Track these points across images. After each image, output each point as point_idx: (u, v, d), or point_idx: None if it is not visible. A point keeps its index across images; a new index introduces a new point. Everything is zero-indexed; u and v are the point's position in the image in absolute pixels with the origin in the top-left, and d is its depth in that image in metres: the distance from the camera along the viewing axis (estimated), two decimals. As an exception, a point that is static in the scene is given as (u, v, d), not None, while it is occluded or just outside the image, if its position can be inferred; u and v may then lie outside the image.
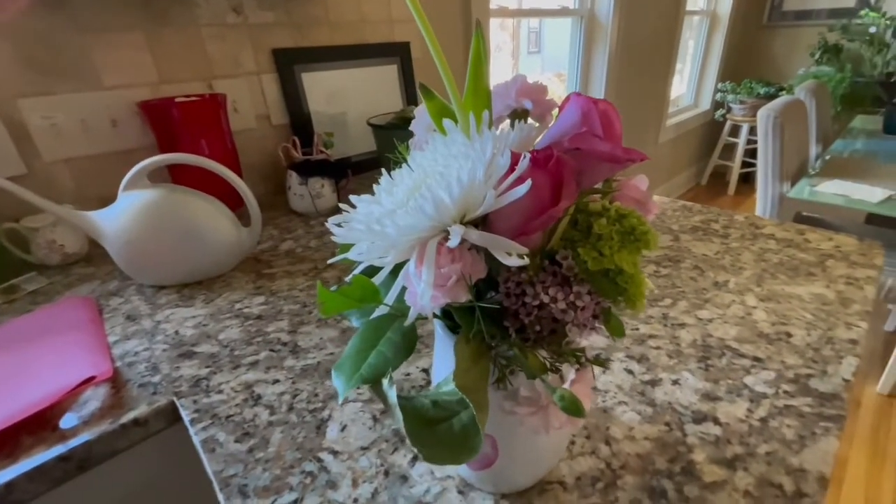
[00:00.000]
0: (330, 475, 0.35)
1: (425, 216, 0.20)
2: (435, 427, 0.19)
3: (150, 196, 0.62)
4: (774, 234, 0.71)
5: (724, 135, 3.00)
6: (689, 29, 2.86)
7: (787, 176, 1.42)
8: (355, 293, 0.22)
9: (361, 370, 0.20)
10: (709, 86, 3.00)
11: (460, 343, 0.21)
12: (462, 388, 0.19)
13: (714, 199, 3.10)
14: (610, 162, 0.22)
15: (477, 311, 0.21)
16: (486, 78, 0.24)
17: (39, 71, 0.72)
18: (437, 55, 0.23)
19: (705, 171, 3.31)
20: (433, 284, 0.21)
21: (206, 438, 0.40)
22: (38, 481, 0.38)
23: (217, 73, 0.91)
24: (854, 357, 0.45)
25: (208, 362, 0.49)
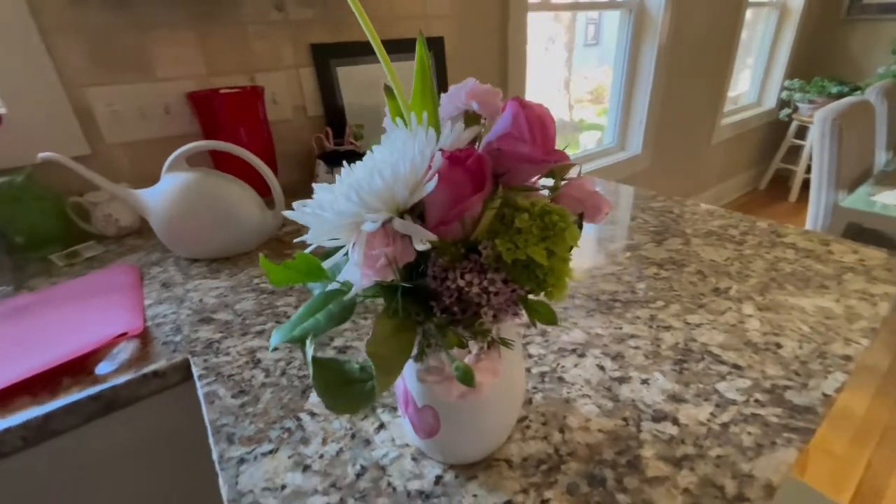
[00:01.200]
0: (305, 433, 0.40)
1: (351, 202, 0.23)
2: (350, 386, 0.23)
3: (187, 178, 0.69)
4: (796, 243, 0.68)
5: (790, 136, 2.79)
6: (756, 22, 2.67)
7: (843, 184, 1.32)
8: (301, 267, 0.26)
9: (295, 331, 0.24)
10: (775, 83, 2.79)
11: (382, 316, 0.24)
12: (372, 354, 0.22)
13: (771, 205, 2.90)
14: (528, 163, 0.24)
15: (398, 290, 0.24)
16: (431, 82, 0.27)
17: (104, 63, 0.81)
18: (381, 55, 0.26)
19: (765, 174, 3.09)
20: (362, 264, 0.24)
21: (208, 392, 0.45)
22: (72, 415, 0.46)
23: (259, 67, 0.98)
24: (843, 373, 0.43)
25: (222, 328, 0.55)
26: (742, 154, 2.91)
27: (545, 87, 3.93)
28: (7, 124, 0.72)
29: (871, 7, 2.62)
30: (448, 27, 1.23)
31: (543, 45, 3.86)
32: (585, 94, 4.16)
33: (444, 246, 0.24)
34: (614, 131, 2.07)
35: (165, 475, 0.57)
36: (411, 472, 0.36)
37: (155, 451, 0.55)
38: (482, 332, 0.24)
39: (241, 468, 0.37)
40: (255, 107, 0.91)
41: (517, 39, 1.40)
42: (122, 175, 0.89)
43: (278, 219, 0.76)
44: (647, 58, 1.91)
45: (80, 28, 0.78)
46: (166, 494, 0.58)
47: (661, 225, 0.77)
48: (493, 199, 0.25)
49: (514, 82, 1.45)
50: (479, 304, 0.25)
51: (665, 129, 2.15)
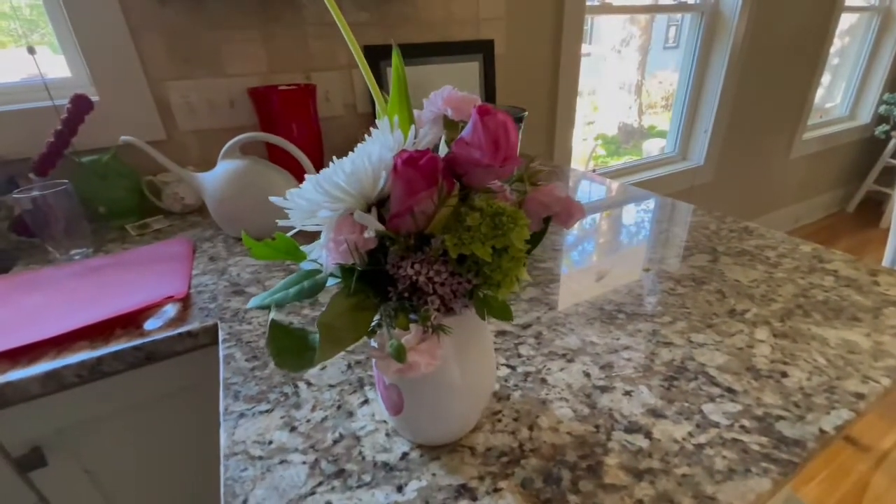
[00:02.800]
0: (298, 399, 0.44)
1: (318, 193, 0.26)
2: (305, 353, 0.26)
3: (238, 165, 0.77)
4: (838, 270, 0.63)
5: (886, 156, 2.49)
6: (855, 27, 2.41)
7: (933, 211, 1.17)
8: (280, 246, 0.29)
9: (266, 300, 0.28)
10: (871, 96, 2.50)
11: (339, 295, 0.27)
12: (322, 324, 0.25)
13: (859, 231, 2.61)
14: (479, 167, 0.26)
15: (354, 273, 0.27)
16: (406, 90, 0.29)
17: (182, 59, 0.92)
18: (361, 62, 0.29)
19: (855, 196, 2.79)
20: (326, 247, 0.27)
21: (227, 354, 0.51)
22: (119, 361, 0.53)
23: (315, 66, 1.06)
24: (850, 412, 0.40)
25: (249, 300, 0.62)
26: (828, 172, 2.64)
27: (615, 91, 3.78)
28: (98, 110, 0.84)
29: None
30: (500, 29, 1.25)
31: (616, 47, 3.71)
32: (659, 99, 3.95)
33: (395, 237, 0.26)
34: (676, 140, 1.97)
35: (190, 422, 0.65)
36: (382, 445, 0.39)
37: (181, 401, 0.63)
38: (424, 318, 0.26)
39: (239, 421, 0.42)
40: (307, 103, 0.99)
41: (571, 41, 1.38)
42: (191, 158, 1.00)
43: (315, 207, 0.82)
44: (717, 63, 1.80)
45: (163, 26, 0.89)
46: (186, 439, 0.66)
47: (691, 240, 0.74)
48: (449, 198, 0.28)
49: (564, 84, 1.44)
50: (427, 293, 0.27)
51: (733, 141, 2.01)
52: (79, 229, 0.77)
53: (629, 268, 0.66)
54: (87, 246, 0.78)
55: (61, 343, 0.54)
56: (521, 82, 1.37)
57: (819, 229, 2.69)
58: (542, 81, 1.41)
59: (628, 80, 3.87)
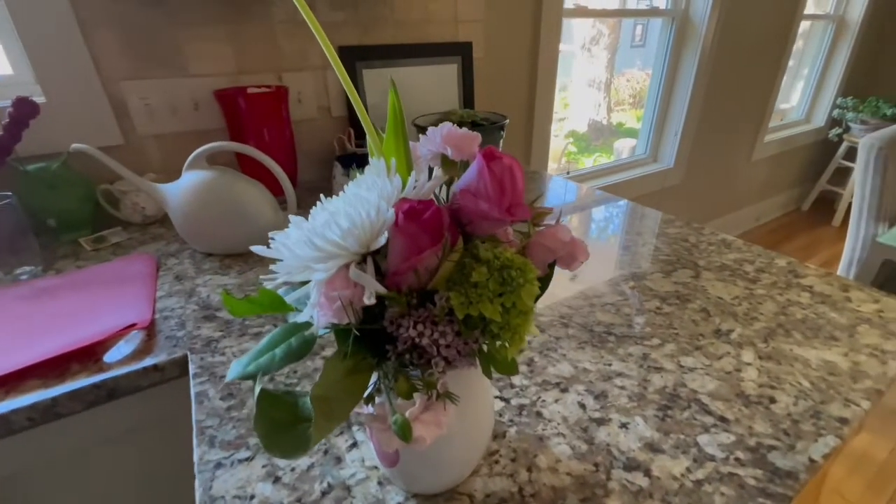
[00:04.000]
0: (281, 444, 0.41)
1: (310, 248, 0.24)
2: (297, 426, 0.23)
3: (204, 176, 0.72)
4: (813, 286, 0.64)
5: (838, 157, 2.63)
6: (810, 35, 2.52)
7: (885, 217, 1.24)
8: (263, 301, 0.26)
9: (248, 367, 0.25)
10: (826, 100, 2.63)
11: (334, 359, 0.25)
12: (316, 397, 0.23)
13: (813, 229, 2.75)
14: (487, 221, 0.24)
15: (352, 333, 0.25)
16: (403, 128, 0.27)
17: (139, 58, 0.85)
18: (349, 89, 0.26)
19: (809, 195, 2.94)
20: (318, 305, 0.25)
21: (199, 391, 0.48)
22: (76, 401, 0.49)
23: (287, 67, 1.00)
24: (835, 438, 0.41)
25: (223, 327, 0.58)
26: (786, 172, 2.77)
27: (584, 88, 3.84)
28: (45, 112, 0.76)
29: (944, 23, 2.43)
30: (478, 32, 1.23)
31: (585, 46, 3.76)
32: (627, 96, 4.03)
33: (395, 297, 0.24)
34: (647, 142, 2.01)
35: (156, 464, 0.61)
36: (374, 496, 0.37)
37: (148, 438, 0.58)
38: (428, 384, 0.24)
39: (216, 472, 0.39)
40: (279, 106, 0.94)
41: (549, 44, 1.37)
42: (152, 165, 0.93)
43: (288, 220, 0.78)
44: (687, 68, 1.84)
45: (118, 22, 0.81)
46: (154, 479, 0.61)
47: (674, 254, 0.74)
48: (453, 251, 0.25)
49: (542, 87, 1.43)
50: (431, 355, 0.25)
51: (701, 143, 2.07)
52: (25, 245, 0.70)
53: (613, 285, 0.66)
54: (35, 263, 0.72)
55: (8, 382, 0.49)
56: (499, 86, 1.35)
57: (777, 227, 2.82)
58: (520, 85, 1.40)
59: (597, 78, 3.93)
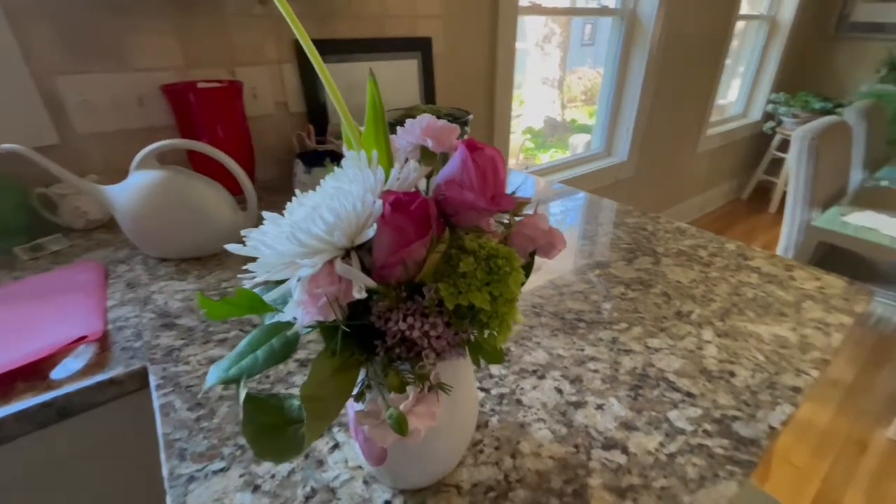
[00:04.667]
0: (258, 451, 0.40)
1: (293, 244, 0.23)
2: (286, 429, 0.23)
3: (156, 176, 0.67)
4: (761, 267, 0.69)
5: (772, 149, 2.84)
6: (746, 34, 2.70)
7: (817, 202, 1.35)
8: (241, 302, 0.25)
9: (230, 371, 0.24)
10: (761, 96, 2.83)
11: (321, 357, 0.24)
12: (306, 397, 0.22)
13: (752, 216, 2.96)
14: (473, 210, 0.24)
15: (340, 330, 0.24)
16: (383, 121, 0.26)
17: (77, 51, 0.79)
18: (328, 85, 0.25)
19: (748, 185, 3.15)
20: (302, 303, 0.24)
21: (164, 403, 0.45)
22: (23, 422, 0.45)
23: (240, 61, 0.96)
24: (790, 406, 0.44)
25: (184, 335, 0.55)
26: (727, 164, 2.96)
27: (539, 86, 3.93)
28: (-31, 112, 0.69)
29: (860, 26, 2.67)
30: (437, 27, 1.22)
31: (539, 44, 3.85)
32: (579, 93, 4.17)
33: (385, 291, 0.24)
34: (602, 137, 2.09)
35: (119, 483, 0.57)
36: (361, 496, 0.36)
37: (109, 458, 0.54)
38: (421, 376, 0.24)
39: (189, 486, 0.37)
40: (234, 102, 0.90)
41: (506, 41, 1.39)
42: (93, 166, 0.86)
43: (250, 220, 0.75)
44: (636, 65, 1.92)
45: (52, 12, 0.75)
46: (118, 499, 0.58)
47: (634, 242, 0.78)
48: (439, 242, 0.25)
49: (501, 84, 1.45)
50: (421, 347, 0.25)
51: (651, 137, 2.17)
52: (-51, 257, 0.64)
53: (579, 274, 0.68)
54: (-38, 277, 0.65)
55: (-60, 408, 0.44)
56: (459, 81, 1.36)
57: (720, 216, 3.00)
58: (480, 81, 1.41)
59: (551, 76, 4.04)
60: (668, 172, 2.46)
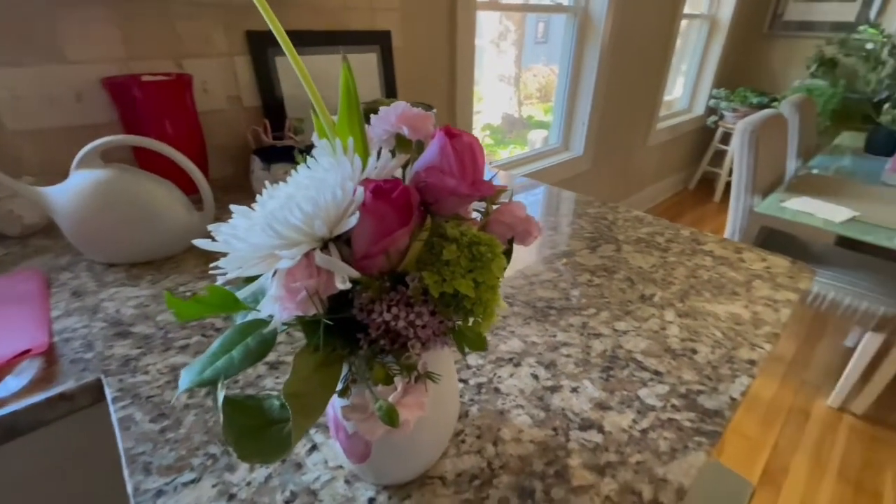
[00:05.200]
0: (231, 458, 0.38)
1: (269, 236, 0.22)
2: (268, 429, 0.22)
3: (100, 176, 0.63)
4: (713, 251, 0.73)
5: (715, 142, 3.01)
6: (689, 32, 2.85)
7: (759, 190, 1.44)
8: (213, 300, 0.24)
9: (204, 373, 0.23)
10: (704, 91, 3.00)
11: (303, 353, 0.23)
12: (290, 394, 0.21)
13: (699, 205, 3.13)
14: (455, 196, 0.24)
15: (321, 325, 0.23)
16: (358, 107, 0.26)
17: (4, 41, 0.72)
18: (301, 73, 0.25)
19: (694, 176, 3.33)
20: (279, 298, 0.23)
21: (123, 417, 0.42)
22: (-42, 447, 0.40)
23: (188, 53, 0.91)
24: (748, 377, 0.47)
25: (141, 343, 0.51)
26: (674, 157, 3.11)
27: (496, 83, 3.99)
28: None
29: (791, 24, 2.87)
30: (395, 21, 1.21)
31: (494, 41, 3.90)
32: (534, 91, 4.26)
33: (368, 281, 0.23)
34: (559, 132, 2.14)
35: (80, 502, 0.53)
36: (343, 495, 0.35)
37: (66, 477, 0.50)
38: (408, 367, 0.24)
39: (158, 501, 0.35)
40: (182, 97, 0.85)
41: (465, 36, 1.40)
42: (27, 167, 0.79)
43: (207, 220, 0.71)
44: (590, 61, 1.98)
45: (-32, -1, 0.68)
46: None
47: (596, 231, 0.80)
48: (421, 231, 0.25)
49: (461, 79, 1.45)
50: (407, 337, 0.24)
51: (605, 132, 2.25)
52: None
53: (547, 263, 0.70)
54: None
55: None
56: (420, 76, 1.35)
57: (670, 206, 3.16)
58: (441, 76, 1.41)
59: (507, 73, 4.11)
60: (622, 165, 2.55)
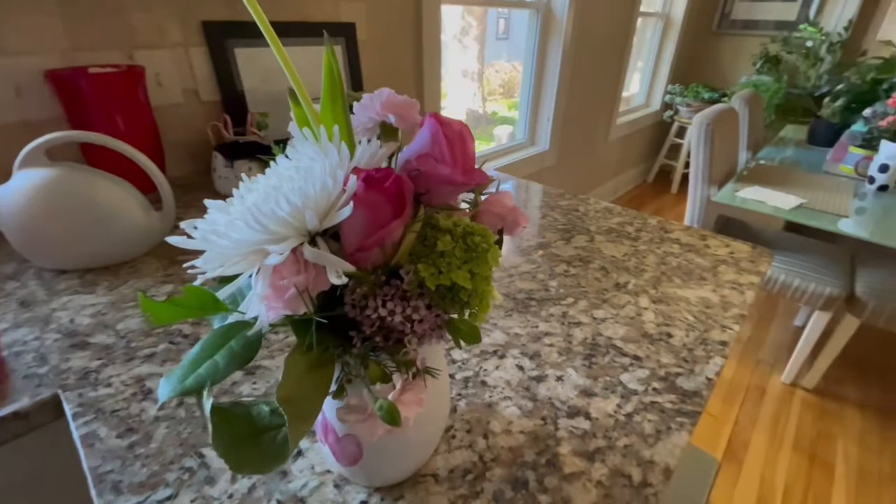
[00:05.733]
0: (209, 471, 0.36)
1: (253, 230, 0.20)
2: (260, 437, 0.20)
3: (47, 175, 0.58)
4: (680, 238, 0.76)
5: (671, 135, 3.13)
6: (645, 30, 2.94)
7: (715, 180, 1.51)
8: (191, 302, 0.22)
9: (187, 381, 0.21)
10: (660, 87, 3.11)
11: (294, 355, 0.22)
12: (284, 399, 0.20)
13: (657, 197, 3.25)
14: (449, 185, 0.24)
15: (313, 324, 0.22)
16: (342, 94, 0.24)
17: (-79, 28, 0.65)
18: (282, 61, 0.23)
19: (652, 169, 3.46)
20: (266, 297, 0.21)
21: (86, 433, 0.39)
22: None
23: (139, 43, 0.85)
24: (721, 358, 0.49)
25: (101, 354, 0.48)
26: (634, 151, 3.22)
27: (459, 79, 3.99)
28: None
29: (738, 23, 3.03)
30: (361, 13, 1.18)
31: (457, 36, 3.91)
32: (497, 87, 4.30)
33: (363, 275, 0.22)
34: (525, 127, 2.16)
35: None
36: (334, 501, 0.34)
37: (28, 501, 0.46)
38: (407, 363, 0.23)
39: (131, 522, 0.32)
40: (135, 90, 0.80)
41: (431, 29, 1.38)
42: (-44, 168, 0.72)
43: (168, 221, 0.67)
44: (553, 57, 2.01)
45: None
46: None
47: (569, 223, 0.81)
48: (414, 222, 0.24)
49: (429, 73, 1.44)
50: (403, 332, 0.24)
51: (570, 127, 2.30)
52: None
53: (525, 255, 0.70)
54: None
55: None
56: (387, 70, 1.33)
57: (631, 198, 3.27)
58: (408, 70, 1.39)
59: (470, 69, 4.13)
60: (585, 160, 2.62)
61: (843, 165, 1.64)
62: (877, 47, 2.56)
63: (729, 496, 1.23)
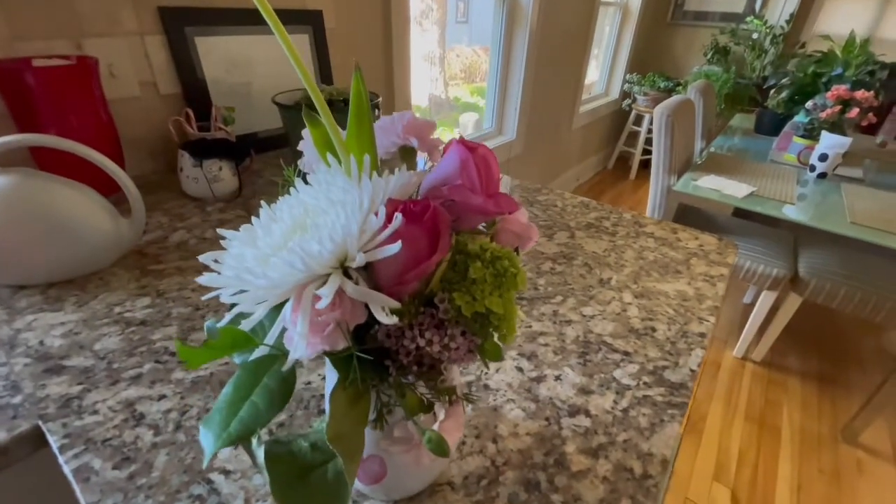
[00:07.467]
0: (220, 497, 0.35)
1: (297, 270, 0.20)
2: (309, 476, 0.20)
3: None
4: (654, 232, 0.80)
5: (629, 123, 3.24)
6: (604, 19, 3.00)
7: (675, 169, 1.59)
8: (225, 343, 0.21)
9: (231, 428, 0.20)
10: (619, 76, 3.20)
11: (336, 391, 0.22)
12: (336, 438, 0.20)
13: (617, 184, 3.37)
14: (480, 215, 0.24)
15: (354, 359, 0.22)
16: (369, 119, 0.24)
17: None
18: (301, 73, 0.22)
19: (612, 156, 3.57)
20: (308, 333, 0.21)
21: (78, 467, 0.37)
22: None
23: (87, 32, 0.78)
24: (701, 349, 0.53)
25: (81, 378, 0.45)
26: (594, 138, 3.30)
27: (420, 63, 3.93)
28: None
29: (689, 14, 3.14)
30: (327, 0, 1.13)
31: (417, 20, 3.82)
32: (458, 71, 4.27)
33: (405, 309, 0.22)
34: (492, 116, 2.17)
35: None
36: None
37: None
38: (448, 391, 0.23)
39: (142, 558, 0.31)
40: (88, 84, 0.73)
41: (400, 18, 1.35)
42: None
43: (137, 227, 0.63)
44: (519, 46, 2.02)
45: None
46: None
47: (550, 219, 0.83)
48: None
49: (398, 61, 1.41)
50: (439, 360, 0.24)
51: (536, 116, 2.32)
52: None
53: (512, 253, 0.71)
54: None
55: None
56: (356, 59, 1.28)
57: (593, 185, 3.37)
58: (376, 58, 1.36)
59: (431, 53, 4.06)
60: (550, 148, 2.67)
61: (788, 154, 1.76)
62: (815, 41, 2.73)
63: (691, 466, 1.33)
